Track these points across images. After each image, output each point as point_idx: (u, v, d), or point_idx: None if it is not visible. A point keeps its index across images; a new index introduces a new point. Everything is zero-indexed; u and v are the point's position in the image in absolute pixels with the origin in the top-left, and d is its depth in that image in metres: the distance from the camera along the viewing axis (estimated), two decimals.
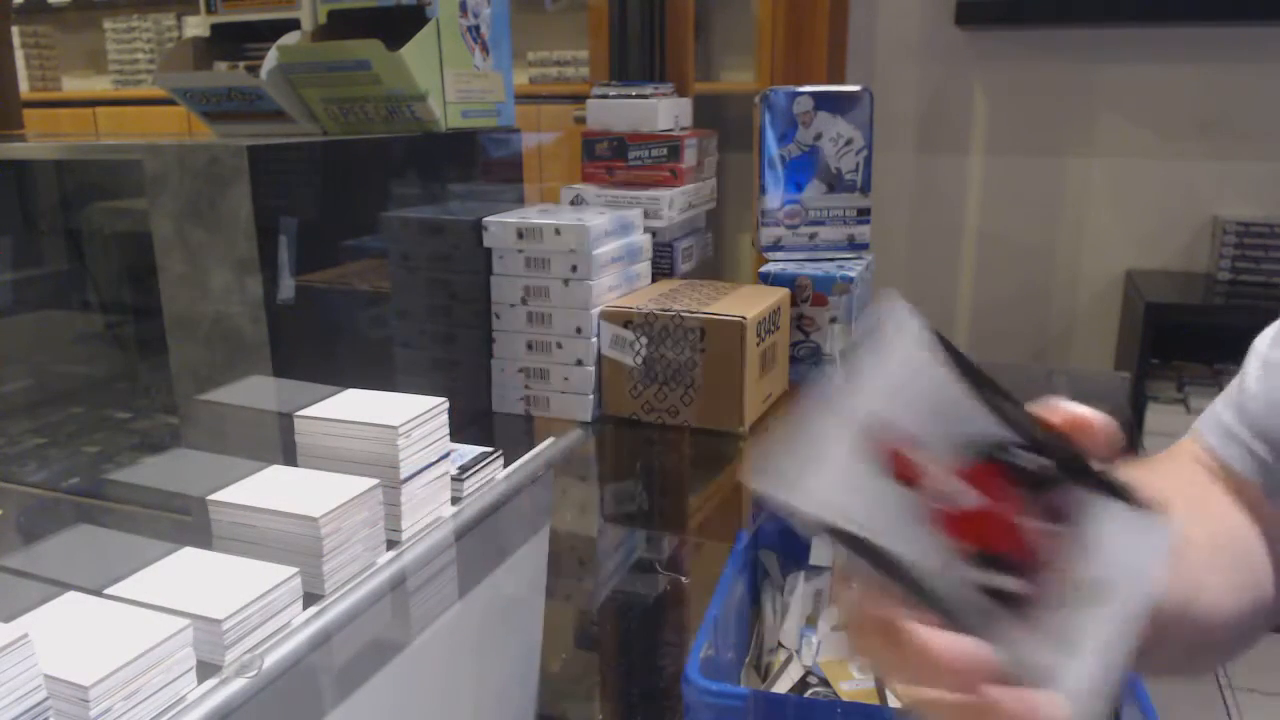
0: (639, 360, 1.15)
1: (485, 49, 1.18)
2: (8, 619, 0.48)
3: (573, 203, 1.35)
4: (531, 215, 1.18)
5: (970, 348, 2.52)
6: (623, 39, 1.65)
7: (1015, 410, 0.35)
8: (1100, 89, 2.42)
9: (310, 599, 0.63)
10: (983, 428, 0.34)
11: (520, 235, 1.15)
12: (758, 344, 1.14)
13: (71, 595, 0.55)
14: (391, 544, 0.71)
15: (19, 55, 3.65)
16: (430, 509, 0.75)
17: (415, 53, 1.05)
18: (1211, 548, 0.53)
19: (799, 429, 0.35)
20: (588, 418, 1.17)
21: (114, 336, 1.25)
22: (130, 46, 3.72)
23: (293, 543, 0.63)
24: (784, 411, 1.27)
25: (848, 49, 2.52)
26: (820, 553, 0.99)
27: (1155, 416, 2.17)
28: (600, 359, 1.17)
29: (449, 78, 1.11)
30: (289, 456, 0.74)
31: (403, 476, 0.71)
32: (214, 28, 1.16)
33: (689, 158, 1.37)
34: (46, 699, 0.47)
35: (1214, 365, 2.29)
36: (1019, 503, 0.34)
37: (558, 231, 1.13)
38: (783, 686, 0.80)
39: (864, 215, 1.41)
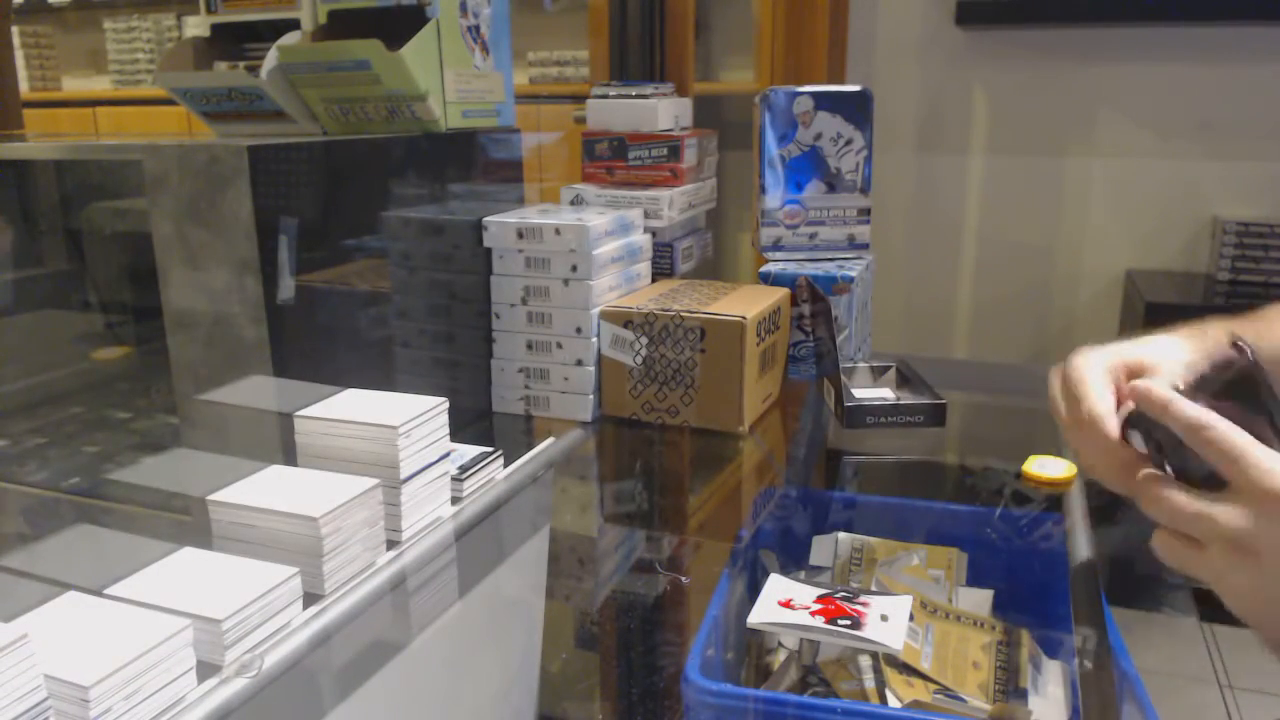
0: (639, 360, 1.15)
1: (485, 49, 1.18)
2: (8, 619, 0.48)
3: (573, 203, 1.35)
4: (531, 215, 1.18)
5: (970, 348, 2.52)
6: (623, 39, 1.65)
7: None
8: (1100, 89, 2.42)
9: (310, 599, 0.63)
10: None
11: (520, 235, 1.15)
12: (758, 344, 1.14)
13: (71, 595, 0.55)
14: (391, 544, 0.71)
15: (19, 55, 3.65)
16: (430, 509, 0.75)
17: (415, 53, 1.05)
18: None
19: None
20: (588, 418, 1.17)
21: (114, 336, 1.25)
22: (130, 46, 3.72)
23: (293, 543, 0.63)
24: (783, 411, 1.27)
25: (848, 49, 2.52)
26: (820, 552, 0.99)
27: None
28: (600, 359, 1.17)
29: (449, 78, 1.11)
30: (289, 456, 0.74)
31: (403, 476, 0.71)
32: (214, 28, 1.16)
33: (689, 158, 1.37)
34: (46, 699, 0.47)
35: None
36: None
37: (558, 231, 1.13)
38: (783, 686, 0.80)
39: (864, 215, 1.41)
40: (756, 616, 0.77)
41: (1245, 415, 0.54)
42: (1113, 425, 0.61)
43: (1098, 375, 0.64)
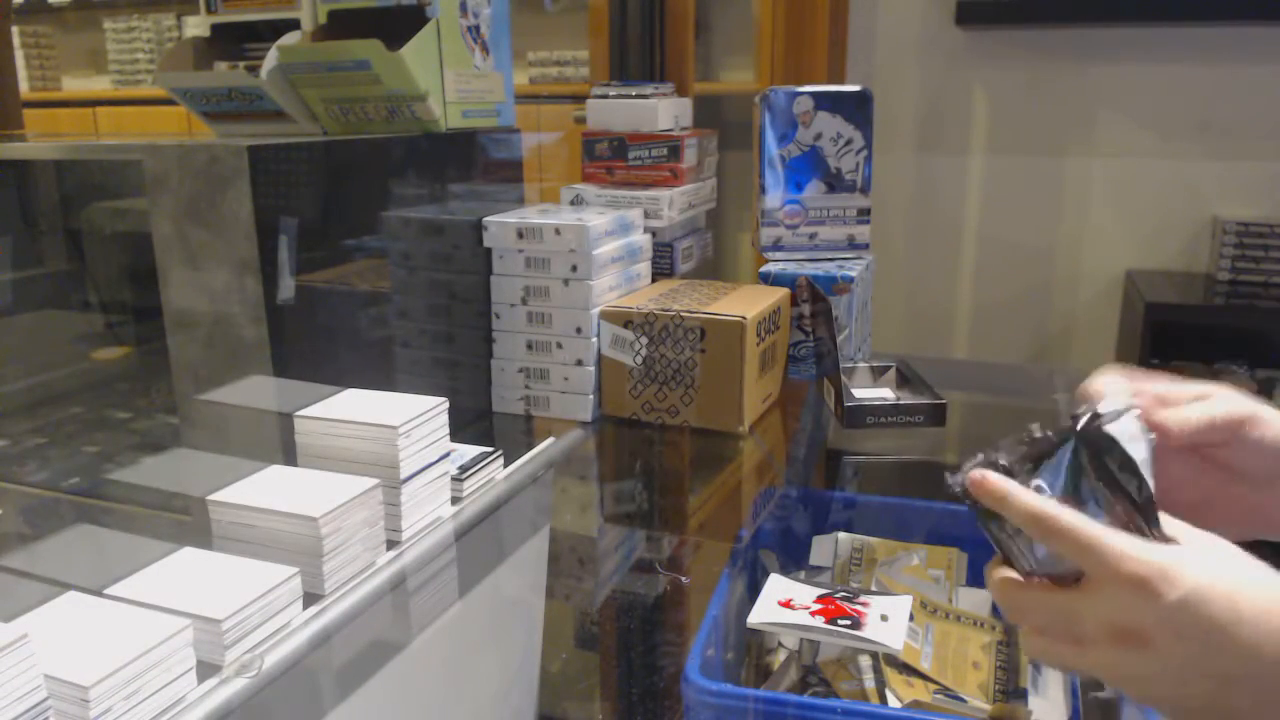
0: (639, 360, 1.15)
1: (485, 49, 1.18)
2: (8, 619, 0.48)
3: (573, 203, 1.35)
4: (531, 215, 1.18)
5: (970, 348, 2.51)
6: (623, 39, 1.65)
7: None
8: (1100, 89, 2.42)
9: (310, 599, 0.63)
10: None
11: (520, 235, 1.15)
12: (758, 344, 1.14)
13: (71, 595, 0.55)
14: (391, 544, 0.71)
15: (19, 55, 3.65)
16: (430, 509, 0.75)
17: (415, 53, 1.05)
18: None
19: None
20: (588, 418, 1.17)
21: (114, 336, 1.25)
22: (130, 46, 3.72)
23: (293, 543, 0.63)
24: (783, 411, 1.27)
25: (848, 49, 2.52)
26: (820, 552, 0.99)
27: None
28: (600, 359, 1.17)
29: (449, 78, 1.11)
30: (289, 456, 0.74)
31: (403, 476, 0.71)
32: (214, 28, 1.16)
33: (689, 158, 1.37)
34: (46, 699, 0.47)
35: (1214, 365, 2.29)
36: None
37: (558, 231, 1.13)
38: (783, 686, 0.80)
39: (864, 215, 1.41)
40: (756, 616, 0.77)
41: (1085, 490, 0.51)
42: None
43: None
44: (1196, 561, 0.48)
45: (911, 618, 0.79)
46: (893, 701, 0.76)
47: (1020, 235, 2.56)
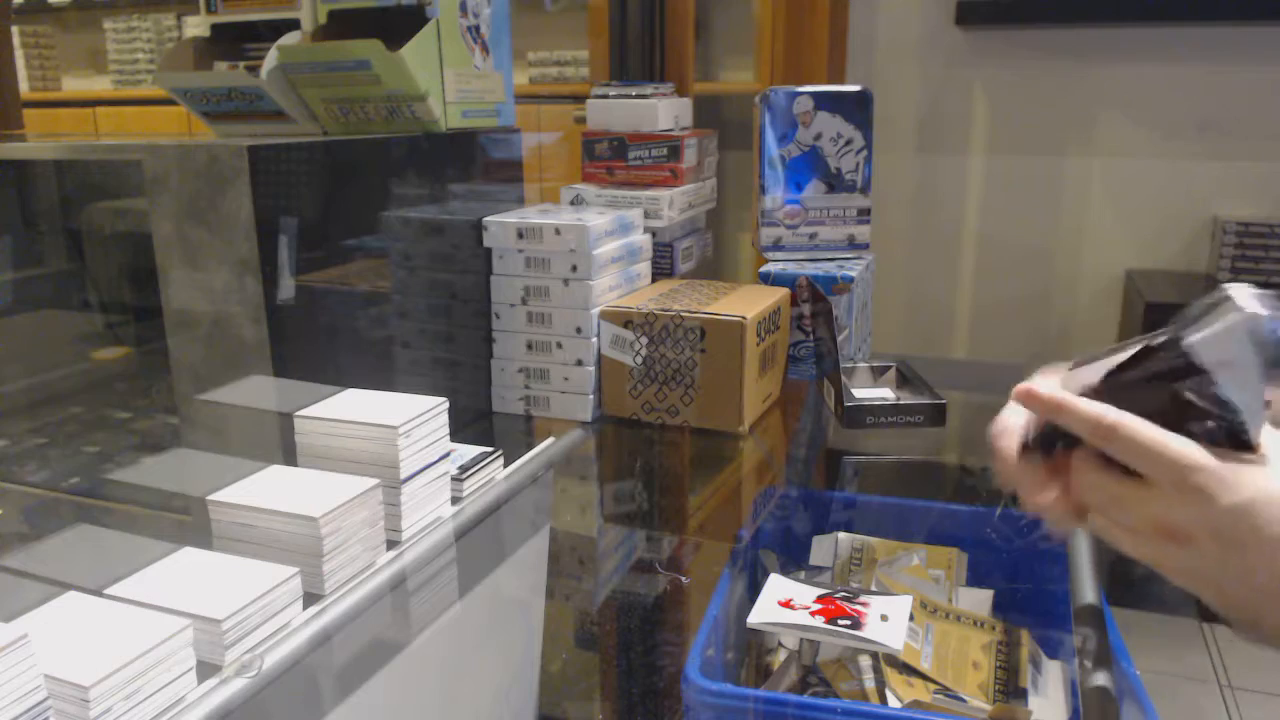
0: (639, 360, 1.15)
1: (485, 49, 1.18)
2: (8, 619, 0.48)
3: (573, 203, 1.35)
4: (531, 215, 1.18)
5: (970, 348, 2.50)
6: (623, 39, 1.65)
7: None
8: (1100, 89, 2.42)
9: (310, 599, 0.63)
10: None
11: (520, 235, 1.15)
12: (758, 344, 1.14)
13: (71, 595, 0.55)
14: (391, 544, 0.71)
15: (19, 55, 3.65)
16: (430, 509, 0.75)
17: (415, 53, 1.05)
18: None
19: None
20: (588, 418, 1.17)
21: (114, 336, 1.25)
22: (130, 46, 3.72)
23: (293, 543, 0.63)
24: (783, 411, 1.27)
25: (848, 49, 2.52)
26: (820, 552, 0.99)
27: None
28: (600, 359, 1.17)
29: (449, 78, 1.11)
30: (289, 456, 0.74)
31: (403, 476, 0.71)
32: (214, 28, 1.16)
33: (689, 158, 1.37)
34: (46, 699, 0.47)
35: None
36: None
37: (558, 231, 1.13)
38: (783, 686, 0.80)
39: (864, 215, 1.41)
40: (756, 616, 0.77)
41: (1152, 386, 0.50)
42: (1007, 441, 0.58)
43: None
44: (1255, 472, 0.47)
45: (911, 618, 0.79)
46: (893, 701, 0.76)
47: (1020, 235, 2.56)
